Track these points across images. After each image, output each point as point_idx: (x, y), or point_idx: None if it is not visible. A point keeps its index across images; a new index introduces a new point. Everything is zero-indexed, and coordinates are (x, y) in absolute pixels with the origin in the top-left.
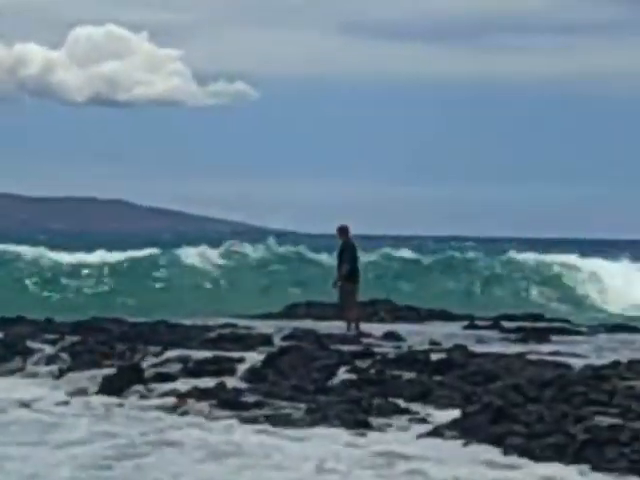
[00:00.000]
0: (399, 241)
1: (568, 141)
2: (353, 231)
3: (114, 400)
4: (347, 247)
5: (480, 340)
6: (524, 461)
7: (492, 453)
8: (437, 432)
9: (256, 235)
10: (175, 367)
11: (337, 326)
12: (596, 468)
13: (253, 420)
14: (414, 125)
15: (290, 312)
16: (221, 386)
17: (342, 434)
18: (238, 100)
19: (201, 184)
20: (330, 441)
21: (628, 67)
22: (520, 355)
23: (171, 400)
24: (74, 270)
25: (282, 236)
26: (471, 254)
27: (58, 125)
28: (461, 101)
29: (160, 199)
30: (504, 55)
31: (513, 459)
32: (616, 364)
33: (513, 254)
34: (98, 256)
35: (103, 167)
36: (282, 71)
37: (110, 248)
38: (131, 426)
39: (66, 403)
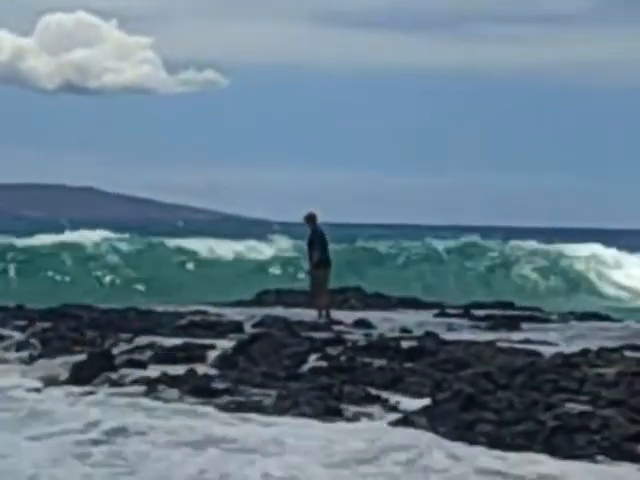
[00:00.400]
0: (370, 229)
1: (549, 131)
2: (330, 219)
3: (85, 388)
4: (316, 234)
5: (450, 328)
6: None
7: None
8: (407, 420)
9: (228, 224)
10: (146, 354)
11: (308, 314)
12: (566, 455)
13: (223, 407)
14: (389, 114)
15: (260, 299)
16: (192, 373)
17: (312, 422)
18: (208, 88)
19: (172, 172)
20: (301, 429)
21: (609, 56)
22: (491, 343)
23: (142, 388)
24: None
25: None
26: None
27: (29, 112)
28: (439, 90)
29: (130, 187)
30: (485, 44)
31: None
32: (586, 352)
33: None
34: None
35: (73, 154)
36: (252, 60)
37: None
38: (104, 413)
39: (37, 390)
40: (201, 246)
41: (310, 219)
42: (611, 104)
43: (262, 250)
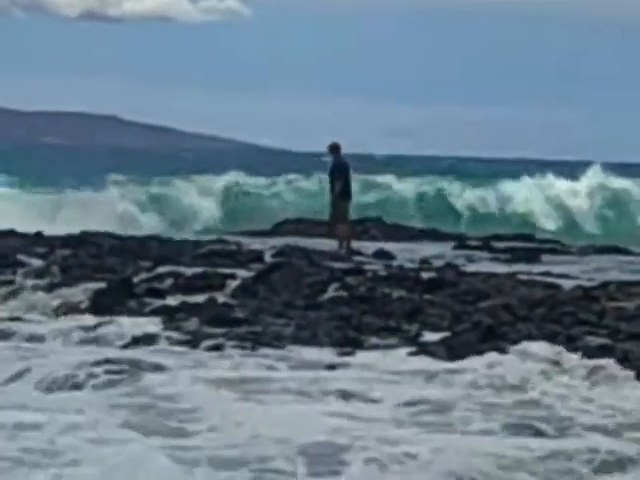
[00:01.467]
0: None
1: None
2: (356, 150)
3: (106, 318)
4: (339, 165)
5: (470, 260)
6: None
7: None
8: (426, 350)
9: (251, 153)
10: (166, 283)
11: (327, 244)
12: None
13: (242, 338)
14: (403, 43)
15: (279, 229)
16: (211, 302)
17: (330, 353)
18: (230, 18)
19: (193, 101)
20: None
21: None
22: (511, 275)
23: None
24: None
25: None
26: None
27: (50, 40)
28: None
29: (153, 115)
30: None
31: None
32: (606, 285)
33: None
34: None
35: (95, 82)
36: None
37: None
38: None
39: (57, 317)
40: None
41: (333, 149)
42: None
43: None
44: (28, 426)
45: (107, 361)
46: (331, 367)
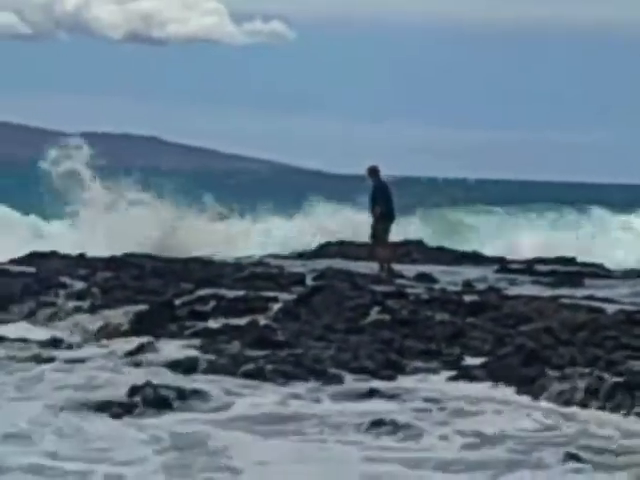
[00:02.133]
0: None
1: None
2: (396, 173)
3: (147, 340)
4: (379, 188)
5: (513, 283)
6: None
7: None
8: (468, 374)
9: (291, 174)
10: (208, 305)
11: (369, 266)
12: (628, 413)
13: (281, 361)
14: (460, 69)
15: (321, 252)
16: (253, 324)
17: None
18: (274, 40)
19: (234, 123)
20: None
21: None
22: (553, 298)
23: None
24: None
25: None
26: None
27: (94, 62)
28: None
29: (194, 137)
30: None
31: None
32: None
33: None
34: None
35: (137, 103)
36: (319, 12)
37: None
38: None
39: (98, 341)
40: None
41: (372, 172)
42: None
43: None
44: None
45: (147, 386)
46: (372, 393)
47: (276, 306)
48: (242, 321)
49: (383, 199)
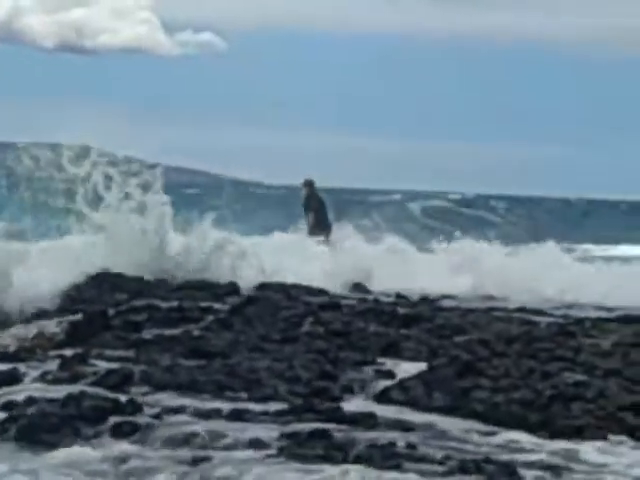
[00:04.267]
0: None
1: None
2: (332, 184)
3: (78, 349)
4: (312, 198)
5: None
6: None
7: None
8: (402, 386)
9: (220, 184)
10: (141, 315)
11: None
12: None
13: (216, 371)
14: (381, 77)
15: None
16: (187, 334)
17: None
18: (206, 50)
19: (166, 133)
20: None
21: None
22: (486, 310)
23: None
24: None
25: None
26: None
27: (26, 71)
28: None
29: (127, 147)
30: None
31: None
32: (581, 321)
33: None
34: None
35: (69, 113)
36: (250, 23)
37: None
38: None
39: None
40: None
41: (307, 184)
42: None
43: None
44: None
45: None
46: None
47: (210, 317)
48: (176, 331)
49: (316, 209)
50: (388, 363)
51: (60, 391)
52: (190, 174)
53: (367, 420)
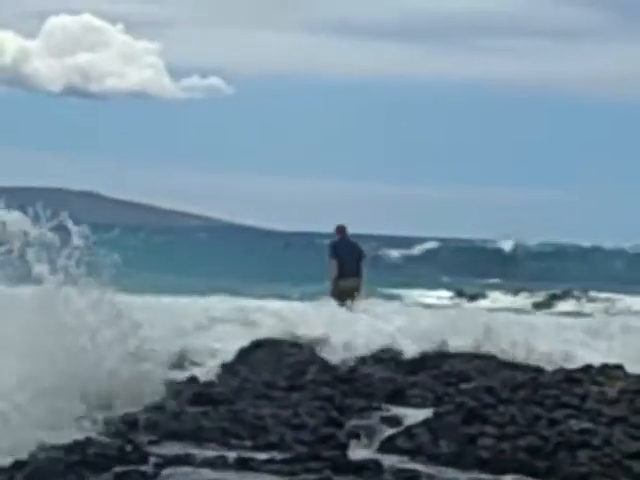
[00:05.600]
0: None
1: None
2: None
3: None
4: (339, 245)
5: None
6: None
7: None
8: (408, 433)
9: (230, 231)
10: None
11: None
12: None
13: (220, 419)
14: (393, 125)
15: None
16: (192, 380)
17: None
18: (211, 95)
19: (173, 178)
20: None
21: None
22: (492, 357)
23: None
24: None
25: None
26: None
27: (31, 115)
28: (446, 104)
29: (132, 192)
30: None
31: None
32: (588, 368)
33: None
34: None
35: (75, 158)
36: (256, 68)
37: None
38: None
39: None
40: None
41: (339, 230)
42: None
43: None
44: None
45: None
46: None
47: (216, 361)
48: (181, 375)
49: (339, 256)
50: (394, 410)
51: (66, 437)
52: (199, 220)
53: (372, 469)
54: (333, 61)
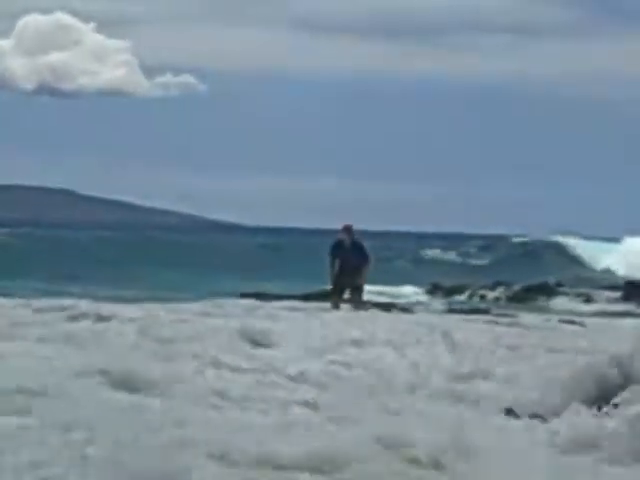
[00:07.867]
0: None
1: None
2: (301, 225)
3: None
4: (345, 244)
5: None
6: None
7: None
8: None
9: (201, 227)
10: None
11: None
12: None
13: None
14: (369, 122)
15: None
16: None
17: None
18: (185, 92)
19: (147, 175)
20: None
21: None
22: None
23: None
24: None
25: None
26: None
27: (4, 114)
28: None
29: (106, 189)
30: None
31: None
32: None
33: None
34: None
35: (49, 156)
36: (230, 65)
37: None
38: None
39: None
40: None
41: (345, 230)
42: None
43: None
44: None
45: None
46: None
47: None
48: None
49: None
50: None
51: None
52: (173, 216)
53: None
54: (306, 58)
